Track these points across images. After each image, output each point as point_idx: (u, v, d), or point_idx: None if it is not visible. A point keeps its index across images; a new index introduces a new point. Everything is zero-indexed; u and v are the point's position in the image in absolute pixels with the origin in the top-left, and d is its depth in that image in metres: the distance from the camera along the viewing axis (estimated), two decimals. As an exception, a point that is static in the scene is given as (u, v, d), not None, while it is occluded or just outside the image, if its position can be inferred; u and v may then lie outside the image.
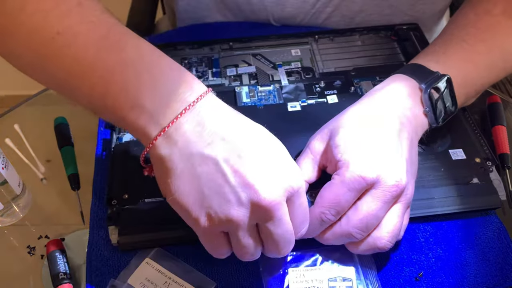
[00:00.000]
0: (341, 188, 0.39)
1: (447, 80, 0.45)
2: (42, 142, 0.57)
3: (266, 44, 0.63)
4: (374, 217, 0.39)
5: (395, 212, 0.40)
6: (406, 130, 0.42)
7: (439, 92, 0.45)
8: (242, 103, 0.55)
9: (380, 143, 0.40)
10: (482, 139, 0.51)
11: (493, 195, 0.46)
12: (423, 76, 0.45)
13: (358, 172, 0.39)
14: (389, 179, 0.39)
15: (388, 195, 0.39)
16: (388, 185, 0.39)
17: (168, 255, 0.44)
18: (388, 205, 0.40)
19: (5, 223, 0.50)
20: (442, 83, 0.45)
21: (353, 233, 0.39)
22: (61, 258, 0.44)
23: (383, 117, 0.42)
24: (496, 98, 0.58)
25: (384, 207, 0.39)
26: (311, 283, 0.42)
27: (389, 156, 0.40)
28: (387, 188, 0.39)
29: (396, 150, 0.41)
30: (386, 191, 0.39)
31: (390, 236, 0.40)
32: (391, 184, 0.39)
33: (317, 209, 0.40)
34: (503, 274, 0.43)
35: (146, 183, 0.47)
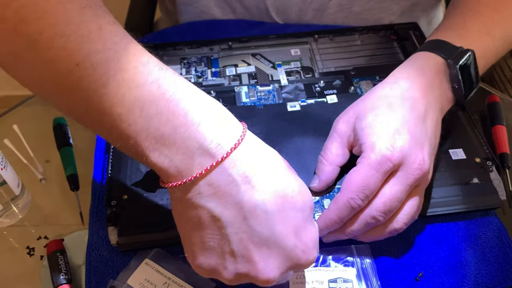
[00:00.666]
0: (369, 170, 0.39)
1: (472, 54, 0.45)
2: (41, 143, 0.57)
3: (265, 44, 0.63)
4: (397, 200, 0.40)
5: (416, 195, 0.41)
6: (432, 110, 0.43)
7: (465, 67, 0.45)
8: (242, 103, 0.55)
9: (405, 126, 0.40)
10: (482, 139, 0.51)
11: (493, 195, 0.46)
12: (448, 52, 0.45)
13: (384, 152, 0.39)
14: (414, 162, 0.39)
15: (411, 178, 0.39)
16: (412, 168, 0.39)
17: (168, 256, 0.44)
18: (410, 188, 0.40)
19: (4, 224, 0.49)
20: (468, 58, 0.45)
21: (377, 216, 0.40)
22: (62, 258, 0.44)
23: (409, 99, 0.42)
24: (496, 97, 0.58)
25: (406, 189, 0.40)
26: (311, 284, 0.42)
27: (414, 139, 0.40)
28: (411, 171, 0.39)
29: (420, 133, 0.41)
30: (410, 174, 0.39)
31: (407, 219, 0.41)
32: (415, 167, 0.39)
33: (344, 195, 0.40)
34: (503, 274, 0.43)
35: (145, 184, 0.47)
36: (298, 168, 0.48)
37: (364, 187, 0.39)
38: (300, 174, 0.48)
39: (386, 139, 0.40)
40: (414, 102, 0.42)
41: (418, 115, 0.41)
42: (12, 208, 0.49)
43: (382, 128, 0.40)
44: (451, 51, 0.45)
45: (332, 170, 0.44)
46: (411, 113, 0.41)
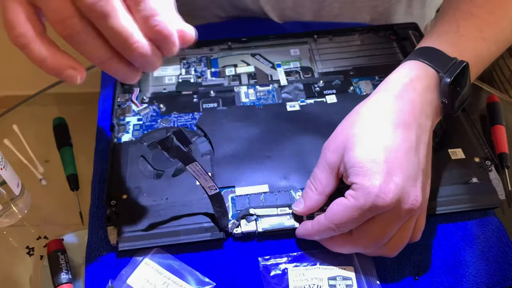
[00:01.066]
0: (356, 211, 0.38)
1: (465, 67, 0.43)
2: (41, 143, 0.57)
3: (265, 44, 0.63)
4: (387, 236, 0.39)
5: (406, 227, 0.40)
6: (424, 133, 0.40)
7: (458, 82, 0.42)
8: (241, 103, 0.55)
9: (398, 164, 0.38)
10: (481, 138, 0.51)
11: (492, 194, 0.46)
12: (441, 63, 0.42)
13: (374, 200, 0.37)
14: (406, 202, 0.38)
15: (402, 216, 0.38)
16: (404, 209, 0.38)
17: (167, 256, 0.44)
18: (401, 223, 0.39)
19: (4, 223, 0.49)
20: (461, 71, 0.42)
21: (364, 248, 0.40)
22: (63, 258, 0.44)
23: (400, 126, 0.39)
24: (495, 97, 0.58)
25: (397, 226, 0.39)
26: (311, 281, 0.42)
27: (407, 177, 0.38)
28: (402, 212, 0.38)
29: (413, 166, 0.38)
30: (401, 214, 0.38)
31: (398, 248, 0.41)
32: (407, 208, 0.38)
33: (326, 222, 0.40)
34: (502, 274, 0.43)
35: (145, 184, 0.47)
36: (298, 168, 0.48)
37: (348, 223, 0.39)
38: (299, 174, 0.48)
39: (378, 183, 0.37)
40: (405, 130, 0.39)
41: (410, 146, 0.39)
42: (12, 208, 0.49)
43: (373, 169, 0.37)
44: (444, 63, 0.43)
45: (320, 199, 0.43)
46: (403, 145, 0.39)
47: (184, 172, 0.48)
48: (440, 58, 0.43)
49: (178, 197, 0.46)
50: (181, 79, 0.59)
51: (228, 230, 0.44)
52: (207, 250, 0.45)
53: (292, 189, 0.47)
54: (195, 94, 0.56)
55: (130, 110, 0.55)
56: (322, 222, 0.40)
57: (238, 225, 0.45)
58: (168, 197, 0.46)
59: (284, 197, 0.46)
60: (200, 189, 0.46)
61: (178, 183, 0.47)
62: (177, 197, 0.46)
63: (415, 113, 0.40)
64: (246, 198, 0.46)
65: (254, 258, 0.44)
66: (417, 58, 0.44)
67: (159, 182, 0.47)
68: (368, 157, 0.38)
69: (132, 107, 0.55)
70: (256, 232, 0.44)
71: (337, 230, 0.40)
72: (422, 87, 0.42)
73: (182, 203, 0.45)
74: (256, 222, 0.45)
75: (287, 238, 0.45)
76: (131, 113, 0.55)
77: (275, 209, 0.45)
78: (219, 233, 0.44)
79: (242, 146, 0.50)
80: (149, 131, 0.52)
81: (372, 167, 0.37)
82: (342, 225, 0.39)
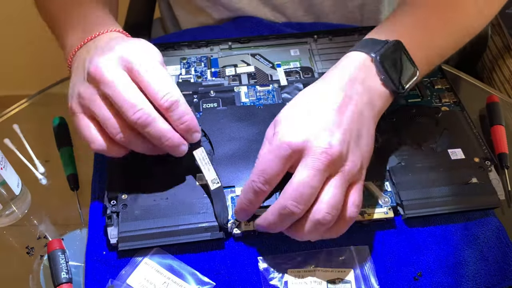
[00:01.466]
0: (267, 155, 0.40)
1: (397, 45, 0.45)
2: (41, 143, 0.57)
3: (265, 44, 0.63)
4: (307, 187, 0.38)
5: (332, 183, 0.39)
6: (353, 103, 0.42)
7: (388, 57, 0.44)
8: (241, 103, 0.55)
9: (314, 115, 0.41)
10: (481, 138, 0.51)
11: (492, 194, 0.46)
12: (373, 47, 0.45)
13: (283, 138, 0.40)
14: (317, 146, 0.39)
15: (318, 162, 0.38)
16: (317, 152, 0.39)
17: (167, 255, 0.44)
18: (322, 175, 0.39)
19: (4, 223, 0.49)
20: (389, 47, 0.45)
21: (289, 205, 0.39)
22: (63, 257, 0.44)
23: (326, 93, 0.42)
24: (495, 98, 0.58)
25: (316, 175, 0.38)
26: (310, 284, 0.42)
27: (320, 125, 0.40)
28: (316, 155, 0.39)
29: (331, 120, 0.40)
30: (315, 158, 0.39)
31: (327, 207, 0.39)
32: (320, 151, 0.39)
33: (249, 179, 0.41)
34: (502, 274, 0.43)
35: (145, 183, 0.47)
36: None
37: (262, 171, 0.40)
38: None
39: (289, 126, 0.40)
40: (326, 96, 0.42)
41: (331, 106, 0.41)
42: (12, 207, 0.50)
43: (289, 118, 0.41)
44: (375, 46, 0.45)
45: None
46: (321, 104, 0.42)
47: (184, 172, 0.48)
48: (373, 43, 0.46)
49: (178, 197, 0.46)
50: (181, 79, 0.59)
51: (228, 228, 0.44)
52: (207, 250, 0.45)
53: (292, 189, 0.47)
54: (195, 94, 0.56)
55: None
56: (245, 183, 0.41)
57: (238, 225, 0.45)
58: (168, 197, 0.46)
59: (284, 197, 0.46)
60: (200, 189, 0.46)
61: (178, 183, 0.47)
62: (177, 197, 0.46)
63: (341, 88, 0.43)
64: (246, 198, 0.46)
65: (253, 258, 0.44)
66: (352, 50, 0.46)
67: (159, 182, 0.47)
68: (288, 113, 0.43)
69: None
70: (256, 232, 0.44)
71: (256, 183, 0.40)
72: (352, 69, 0.44)
73: (182, 203, 0.45)
74: (256, 222, 0.45)
75: (287, 238, 0.45)
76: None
77: (275, 209, 0.45)
78: (219, 233, 0.44)
79: (242, 146, 0.50)
80: None
81: (288, 118, 0.42)
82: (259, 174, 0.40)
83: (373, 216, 0.45)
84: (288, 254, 0.44)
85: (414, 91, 0.57)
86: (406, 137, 0.51)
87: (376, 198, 0.46)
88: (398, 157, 0.49)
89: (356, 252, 0.44)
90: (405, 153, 0.50)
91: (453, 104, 0.55)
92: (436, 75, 0.59)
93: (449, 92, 0.57)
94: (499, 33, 0.85)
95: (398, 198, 0.46)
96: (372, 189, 0.47)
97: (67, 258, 0.45)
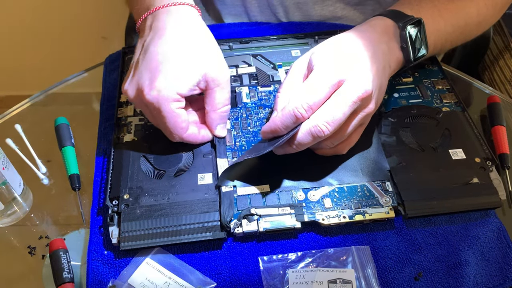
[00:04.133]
0: (314, 83, 0.43)
1: (420, 22, 0.50)
2: (43, 143, 0.57)
3: (266, 45, 0.63)
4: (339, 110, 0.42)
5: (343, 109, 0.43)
6: (376, 59, 0.46)
7: (413, 30, 0.50)
8: (243, 104, 0.55)
9: (352, 55, 0.45)
10: (481, 139, 0.51)
11: (493, 195, 0.46)
12: (400, 18, 0.50)
13: (330, 67, 0.44)
14: (358, 80, 0.43)
15: (355, 93, 0.43)
16: (356, 84, 0.43)
17: (169, 255, 0.44)
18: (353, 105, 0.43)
19: (6, 223, 0.50)
20: (417, 23, 0.50)
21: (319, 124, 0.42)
22: (64, 257, 0.44)
23: (356, 42, 0.47)
24: (496, 98, 0.58)
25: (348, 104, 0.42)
26: (311, 284, 0.42)
27: (359, 63, 0.45)
28: (354, 87, 0.43)
29: (367, 65, 0.45)
30: (353, 89, 0.43)
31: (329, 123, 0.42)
32: (358, 85, 0.43)
33: (291, 106, 0.43)
34: (502, 274, 0.43)
35: (146, 183, 0.47)
36: (298, 168, 0.49)
37: (308, 98, 0.43)
38: (300, 174, 0.48)
39: (333, 59, 0.45)
40: (359, 46, 0.47)
41: (363, 53, 0.46)
42: (14, 207, 0.50)
43: (327, 56, 0.45)
44: (402, 17, 0.50)
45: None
46: (357, 50, 0.46)
47: (186, 172, 0.48)
48: (400, 15, 0.51)
49: (179, 197, 0.46)
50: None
51: (230, 228, 0.44)
52: (208, 249, 0.45)
53: (293, 189, 0.47)
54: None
55: (132, 110, 0.55)
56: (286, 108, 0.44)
57: (240, 225, 0.45)
58: (169, 197, 0.46)
59: (285, 197, 0.46)
60: (202, 189, 0.47)
61: (180, 183, 0.47)
62: (178, 197, 0.46)
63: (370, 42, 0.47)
64: (248, 198, 0.46)
65: (255, 258, 0.44)
66: (380, 15, 0.52)
67: (160, 182, 0.47)
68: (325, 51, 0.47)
69: (134, 108, 0.55)
70: (257, 232, 0.45)
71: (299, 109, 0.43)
72: (380, 29, 0.50)
73: (184, 203, 0.46)
74: (257, 222, 0.45)
75: (288, 238, 0.46)
76: (132, 113, 0.55)
77: (276, 208, 0.45)
78: (221, 233, 0.44)
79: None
80: None
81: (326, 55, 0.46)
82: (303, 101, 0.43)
83: (374, 216, 0.45)
84: (289, 254, 0.44)
85: (415, 92, 0.57)
86: (407, 137, 0.51)
87: (377, 198, 0.46)
88: (399, 157, 0.49)
89: (357, 252, 0.44)
90: (406, 153, 0.50)
91: (454, 104, 0.55)
92: (437, 76, 0.59)
93: (450, 92, 0.57)
94: (500, 34, 0.85)
95: (399, 198, 0.46)
96: (373, 189, 0.47)
97: (69, 258, 0.45)
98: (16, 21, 1.25)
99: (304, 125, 0.43)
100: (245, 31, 0.67)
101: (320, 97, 0.43)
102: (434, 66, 0.60)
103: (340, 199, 0.46)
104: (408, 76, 0.59)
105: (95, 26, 1.22)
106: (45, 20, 1.23)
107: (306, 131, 0.43)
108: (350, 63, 0.44)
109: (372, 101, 0.45)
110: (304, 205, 0.46)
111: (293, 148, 0.45)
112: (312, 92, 0.43)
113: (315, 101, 0.43)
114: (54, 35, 1.26)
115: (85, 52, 1.08)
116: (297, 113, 0.43)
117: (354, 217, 0.45)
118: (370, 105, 0.45)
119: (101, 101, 0.59)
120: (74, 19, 1.22)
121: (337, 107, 0.42)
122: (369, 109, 0.45)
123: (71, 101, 0.64)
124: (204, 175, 0.48)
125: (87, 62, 0.67)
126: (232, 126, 0.53)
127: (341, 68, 0.44)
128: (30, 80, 1.27)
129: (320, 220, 0.45)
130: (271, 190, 0.47)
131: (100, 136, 0.55)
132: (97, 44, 1.22)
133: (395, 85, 0.58)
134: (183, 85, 0.45)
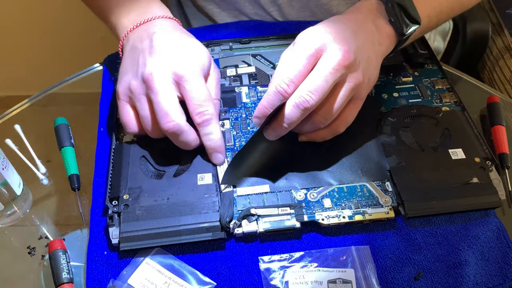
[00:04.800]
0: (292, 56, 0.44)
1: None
2: (43, 143, 0.57)
3: (265, 45, 0.63)
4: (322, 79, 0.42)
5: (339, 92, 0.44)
6: (364, 35, 0.47)
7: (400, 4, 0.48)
8: (242, 103, 0.55)
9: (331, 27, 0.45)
10: (481, 138, 0.51)
11: (492, 194, 0.46)
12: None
13: (304, 38, 0.44)
14: (337, 49, 0.43)
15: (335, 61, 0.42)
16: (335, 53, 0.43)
17: (168, 256, 0.44)
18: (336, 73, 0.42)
19: (6, 223, 0.50)
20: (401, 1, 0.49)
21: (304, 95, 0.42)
22: (64, 257, 0.44)
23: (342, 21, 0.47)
24: (496, 98, 0.58)
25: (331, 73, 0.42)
26: (310, 284, 0.42)
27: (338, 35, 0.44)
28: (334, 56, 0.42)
29: (349, 36, 0.45)
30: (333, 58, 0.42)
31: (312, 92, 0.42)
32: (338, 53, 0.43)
33: (272, 84, 0.43)
34: (502, 274, 0.43)
35: (146, 184, 0.47)
36: (298, 168, 0.49)
37: (288, 72, 0.43)
38: (300, 174, 0.48)
39: (312, 33, 0.45)
40: (343, 24, 0.46)
41: (347, 28, 0.46)
42: (13, 207, 0.50)
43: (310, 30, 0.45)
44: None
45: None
46: (341, 25, 0.46)
47: (185, 172, 0.48)
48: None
49: (179, 197, 0.46)
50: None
51: (230, 228, 0.44)
52: (208, 250, 0.45)
53: (292, 189, 0.47)
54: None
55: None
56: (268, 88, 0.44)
57: (239, 225, 0.45)
58: (169, 197, 0.46)
59: (285, 197, 0.46)
60: (202, 189, 0.47)
61: (179, 183, 0.47)
62: (178, 197, 0.46)
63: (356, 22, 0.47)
64: (247, 198, 0.46)
65: (254, 258, 0.44)
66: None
67: (160, 182, 0.47)
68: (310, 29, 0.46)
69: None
70: (257, 232, 0.45)
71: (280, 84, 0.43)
72: (365, 9, 0.49)
73: (183, 203, 0.46)
74: (257, 222, 0.45)
75: (287, 238, 0.46)
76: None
77: (276, 209, 0.45)
78: (220, 233, 0.44)
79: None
80: None
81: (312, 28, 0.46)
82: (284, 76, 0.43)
83: (374, 216, 0.45)
84: (289, 254, 0.44)
85: (415, 91, 0.57)
86: (407, 137, 0.51)
87: (377, 198, 0.46)
88: (398, 157, 0.49)
89: (357, 252, 0.44)
90: (406, 153, 0.50)
91: (454, 104, 0.55)
92: (437, 75, 0.59)
93: (449, 92, 0.57)
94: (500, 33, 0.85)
95: (398, 198, 0.46)
96: (372, 189, 0.47)
97: (68, 258, 0.45)
98: (16, 21, 1.25)
99: (290, 100, 0.43)
100: (244, 31, 0.67)
101: (299, 68, 0.43)
102: (434, 65, 0.60)
103: (339, 199, 0.46)
104: (408, 76, 0.59)
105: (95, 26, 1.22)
106: (45, 20, 1.23)
107: (292, 105, 0.43)
108: (330, 35, 0.44)
109: (358, 71, 0.44)
110: (303, 205, 0.46)
111: (285, 128, 0.45)
112: (291, 65, 0.43)
113: (295, 73, 0.43)
114: (54, 35, 1.26)
115: (85, 52, 1.08)
116: (280, 89, 0.43)
117: (354, 217, 0.45)
118: (356, 75, 0.44)
119: (101, 101, 0.59)
120: (73, 19, 1.22)
121: (318, 75, 0.42)
122: (356, 79, 0.44)
123: (70, 101, 0.64)
124: (204, 175, 0.48)
125: (87, 62, 0.66)
126: (232, 126, 0.53)
127: (319, 39, 0.44)
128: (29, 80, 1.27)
129: (319, 220, 0.45)
130: (270, 190, 0.47)
131: (100, 136, 0.55)
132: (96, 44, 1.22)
133: (395, 84, 0.58)
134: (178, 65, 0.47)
